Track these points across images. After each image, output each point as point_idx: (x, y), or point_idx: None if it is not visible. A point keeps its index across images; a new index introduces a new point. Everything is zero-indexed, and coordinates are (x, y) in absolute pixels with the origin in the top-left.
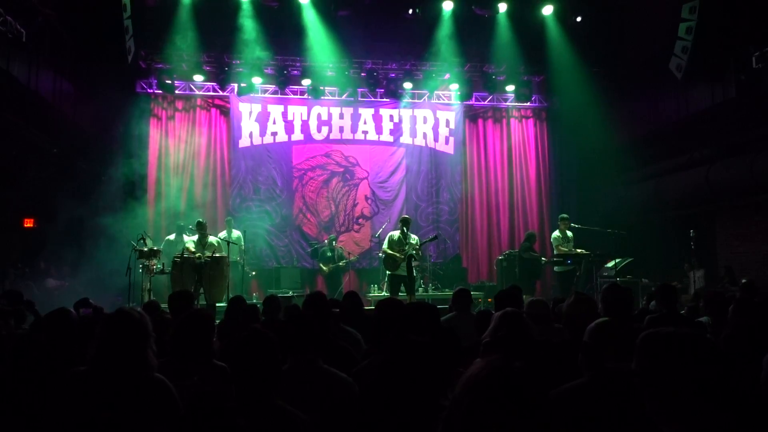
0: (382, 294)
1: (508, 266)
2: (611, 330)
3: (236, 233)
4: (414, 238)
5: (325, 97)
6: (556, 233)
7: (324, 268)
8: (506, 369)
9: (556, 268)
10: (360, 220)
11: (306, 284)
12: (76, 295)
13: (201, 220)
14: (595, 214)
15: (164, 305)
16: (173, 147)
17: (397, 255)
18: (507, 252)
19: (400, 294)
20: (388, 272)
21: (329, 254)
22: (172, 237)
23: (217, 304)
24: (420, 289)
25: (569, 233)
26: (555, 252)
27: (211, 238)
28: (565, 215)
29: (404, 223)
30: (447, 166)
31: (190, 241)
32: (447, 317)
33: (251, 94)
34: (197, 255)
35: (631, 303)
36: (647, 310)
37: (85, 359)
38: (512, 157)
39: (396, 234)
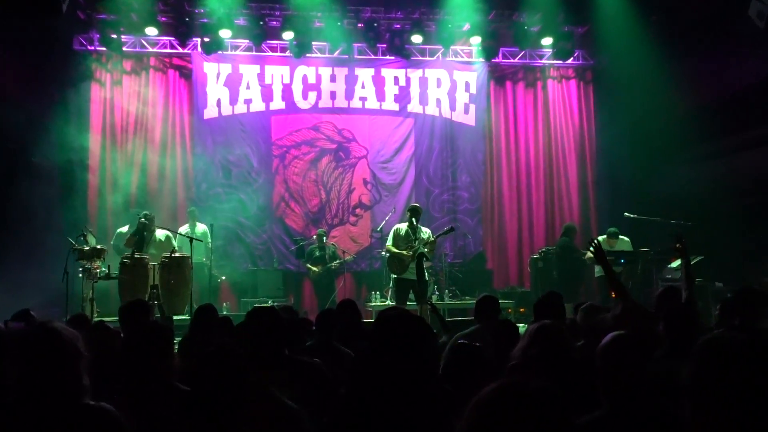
0: (386, 303)
1: (545, 267)
2: (631, 346)
3: (201, 227)
4: (425, 232)
5: (313, 55)
6: (601, 240)
7: (313, 270)
8: (519, 389)
9: (597, 270)
10: (357, 211)
11: (290, 291)
12: None
13: (147, 212)
14: (652, 200)
15: (109, 319)
16: (121, 119)
17: (405, 254)
18: (543, 249)
19: (408, 303)
20: (393, 276)
21: (318, 253)
22: (124, 229)
23: (176, 317)
24: (434, 296)
25: (613, 247)
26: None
27: (159, 233)
28: (613, 229)
29: (413, 213)
30: (466, 142)
31: (122, 232)
32: (469, 331)
33: (219, 52)
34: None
35: (694, 314)
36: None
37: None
38: (549, 129)
39: (402, 227)
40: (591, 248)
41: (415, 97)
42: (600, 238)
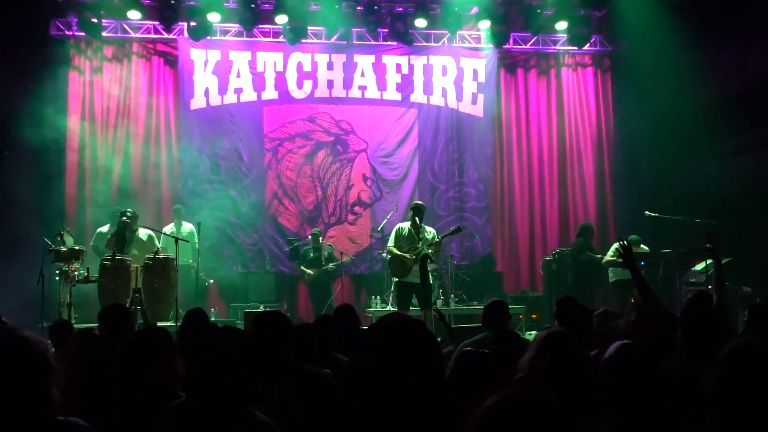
0: (387, 309)
1: (559, 270)
2: (635, 356)
3: (188, 227)
4: (430, 232)
5: (308, 41)
6: (618, 246)
7: (307, 272)
8: (523, 400)
9: (612, 274)
10: (356, 209)
11: (284, 296)
12: None
13: (129, 210)
14: (675, 198)
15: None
16: (101, 110)
17: (407, 256)
18: (557, 251)
19: (411, 309)
20: (394, 279)
21: (313, 255)
22: (105, 229)
23: (161, 324)
24: (439, 301)
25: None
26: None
27: (141, 232)
28: (635, 237)
29: (416, 211)
30: (474, 134)
31: (102, 232)
32: (476, 339)
33: (207, 38)
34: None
35: (721, 322)
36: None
37: None
38: (564, 121)
39: (405, 226)
40: (617, 246)
41: (418, 86)
42: (617, 245)
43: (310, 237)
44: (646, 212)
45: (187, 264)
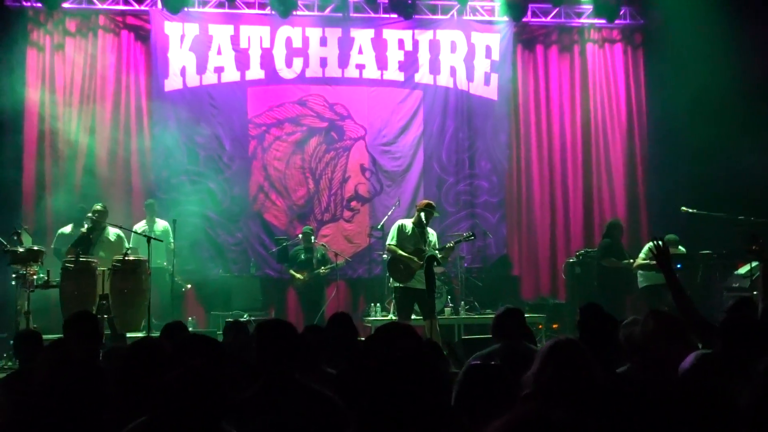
0: (389, 318)
1: (583, 274)
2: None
3: (162, 224)
4: (432, 235)
5: (299, 13)
6: (651, 246)
7: (297, 276)
8: (538, 423)
9: (642, 279)
10: (353, 204)
11: (271, 303)
12: None
13: (99, 206)
14: (717, 191)
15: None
16: (63, 92)
17: (414, 259)
18: (581, 252)
19: (414, 318)
20: (396, 284)
21: (304, 256)
22: (67, 229)
23: (131, 335)
24: (447, 310)
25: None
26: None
27: (112, 231)
28: (673, 236)
29: (428, 213)
30: (488, 119)
31: (65, 233)
32: (487, 352)
33: (184, 9)
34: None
35: (766, 333)
36: None
37: None
38: (589, 105)
39: (409, 225)
40: (651, 246)
41: (424, 65)
42: (649, 245)
43: (300, 236)
44: (683, 208)
45: (160, 266)
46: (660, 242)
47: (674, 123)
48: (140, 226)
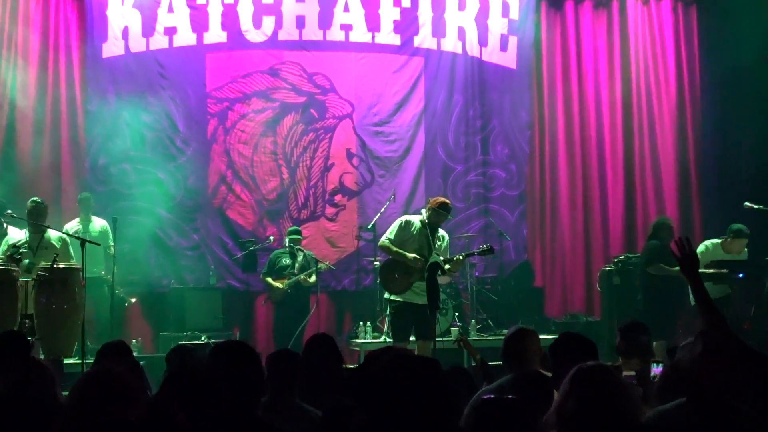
0: (382, 340)
1: (624, 285)
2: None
3: (99, 224)
4: (443, 238)
5: None
6: (709, 246)
7: (276, 286)
8: None
9: (718, 290)
10: (338, 198)
11: (235, 321)
12: None
13: (37, 199)
14: None
15: None
16: None
17: (408, 256)
18: (620, 257)
19: (411, 342)
20: (390, 297)
21: (286, 261)
22: (18, 235)
23: (66, 361)
24: (454, 330)
25: (737, 255)
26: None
27: (52, 234)
28: (739, 226)
29: (440, 213)
30: (504, 93)
31: (13, 240)
32: (497, 385)
33: None
34: (22, 265)
35: None
36: None
37: None
38: (630, 74)
39: (416, 222)
40: (707, 247)
41: (425, 25)
42: (712, 241)
43: (287, 241)
44: (747, 203)
45: (97, 276)
46: (684, 238)
47: (735, 97)
48: (72, 226)
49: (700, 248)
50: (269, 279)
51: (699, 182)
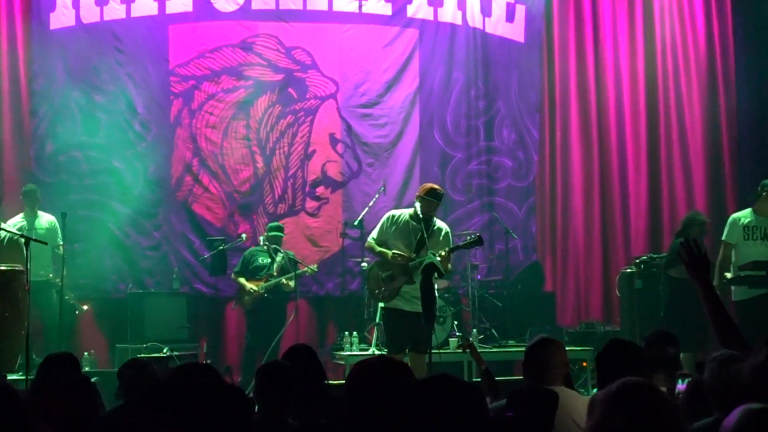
0: (370, 353)
1: (647, 290)
2: None
3: (46, 219)
4: (441, 230)
5: None
6: (740, 216)
7: (250, 288)
8: None
9: (735, 292)
10: (320, 190)
11: (201, 332)
12: None
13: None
14: None
15: None
16: None
17: (392, 255)
18: (644, 258)
19: (406, 354)
20: (380, 304)
21: (264, 260)
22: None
23: (10, 377)
24: (453, 341)
25: None
26: (734, 259)
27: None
28: None
29: (431, 201)
30: (511, 71)
31: None
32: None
33: None
34: None
35: None
36: None
37: None
38: (656, 50)
39: (404, 216)
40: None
41: None
42: (741, 212)
43: (262, 241)
44: None
45: (44, 279)
46: (691, 240)
47: None
48: (15, 222)
49: (730, 221)
50: (242, 279)
51: (733, 171)
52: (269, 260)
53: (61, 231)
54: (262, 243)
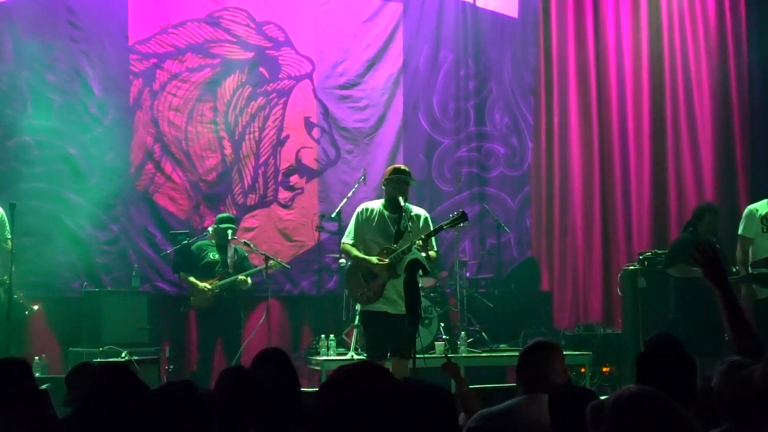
0: (348, 357)
1: (652, 289)
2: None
3: None
4: (419, 218)
5: None
6: (757, 207)
7: (202, 287)
8: None
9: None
10: (294, 180)
11: (164, 335)
12: None
13: None
14: None
15: None
16: None
17: (374, 261)
18: (647, 254)
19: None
20: (357, 306)
21: (215, 256)
22: None
23: None
24: (439, 345)
25: None
26: (751, 256)
27: None
28: None
29: (395, 183)
30: (504, 49)
31: None
32: (502, 408)
33: None
34: None
35: None
36: None
37: None
38: (662, 28)
39: (375, 208)
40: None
41: None
42: (758, 203)
43: (211, 229)
44: None
45: None
46: (708, 245)
47: None
48: None
49: (746, 213)
50: (192, 278)
51: (745, 160)
52: (221, 256)
53: (10, 224)
54: (210, 236)
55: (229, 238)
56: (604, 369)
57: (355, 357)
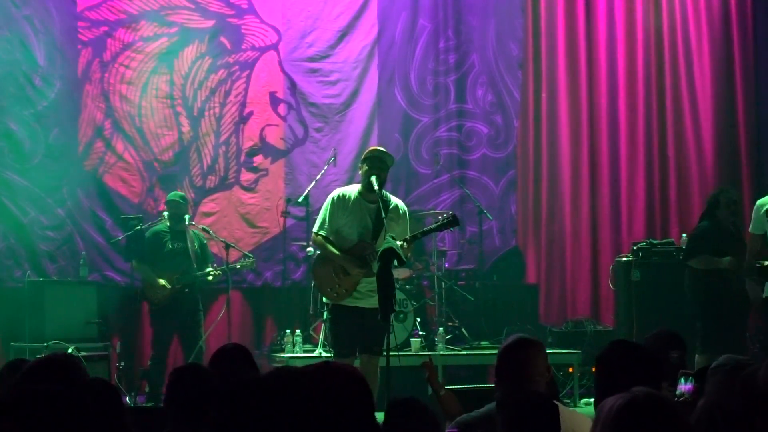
0: (316, 354)
1: (645, 282)
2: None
3: None
4: (396, 207)
5: None
6: (764, 202)
7: (162, 284)
8: None
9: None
10: (258, 160)
11: (113, 329)
12: None
13: None
14: None
15: None
16: None
17: (345, 258)
18: (641, 245)
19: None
20: (325, 300)
21: (173, 245)
22: None
23: None
24: (414, 341)
25: None
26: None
27: None
28: None
29: (374, 166)
30: (488, 18)
31: None
32: (482, 412)
33: None
34: None
35: None
36: None
37: None
38: (660, 2)
39: (351, 194)
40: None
41: None
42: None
43: (165, 213)
44: None
45: None
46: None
47: None
48: None
49: (755, 209)
50: (148, 270)
51: (749, 146)
52: (178, 243)
53: None
54: (164, 218)
55: (186, 223)
56: (594, 369)
57: (323, 354)
